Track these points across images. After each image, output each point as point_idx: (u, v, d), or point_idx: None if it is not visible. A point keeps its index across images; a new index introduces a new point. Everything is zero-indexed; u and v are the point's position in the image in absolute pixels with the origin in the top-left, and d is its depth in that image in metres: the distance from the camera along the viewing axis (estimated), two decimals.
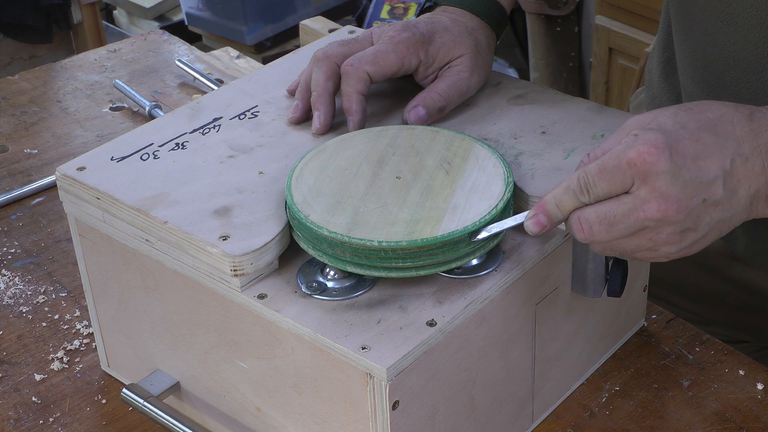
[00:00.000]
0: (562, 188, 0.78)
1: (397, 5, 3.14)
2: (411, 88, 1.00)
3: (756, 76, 0.91)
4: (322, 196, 0.83)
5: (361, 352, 0.75)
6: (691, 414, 0.93)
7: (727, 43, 0.92)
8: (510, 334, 0.85)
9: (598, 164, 0.76)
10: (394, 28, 0.97)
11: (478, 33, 1.00)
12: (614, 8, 2.59)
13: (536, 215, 0.79)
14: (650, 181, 0.74)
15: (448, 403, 0.81)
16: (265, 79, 1.04)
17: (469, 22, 1.00)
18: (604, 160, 0.75)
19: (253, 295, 0.81)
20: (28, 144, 1.35)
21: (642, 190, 0.75)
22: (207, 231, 0.83)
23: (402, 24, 0.97)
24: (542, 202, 0.79)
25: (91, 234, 0.92)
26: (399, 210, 0.82)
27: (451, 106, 0.96)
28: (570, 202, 0.77)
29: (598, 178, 0.75)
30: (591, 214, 0.77)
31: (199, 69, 1.46)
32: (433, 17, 1.00)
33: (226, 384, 0.88)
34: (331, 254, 0.80)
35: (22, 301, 1.09)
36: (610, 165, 0.75)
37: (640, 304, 1.01)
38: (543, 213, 0.79)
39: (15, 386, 0.99)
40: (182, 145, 0.94)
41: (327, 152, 0.89)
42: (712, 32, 0.94)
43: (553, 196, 0.78)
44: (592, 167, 0.76)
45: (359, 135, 0.91)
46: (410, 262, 0.79)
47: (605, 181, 0.75)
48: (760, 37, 0.89)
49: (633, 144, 0.75)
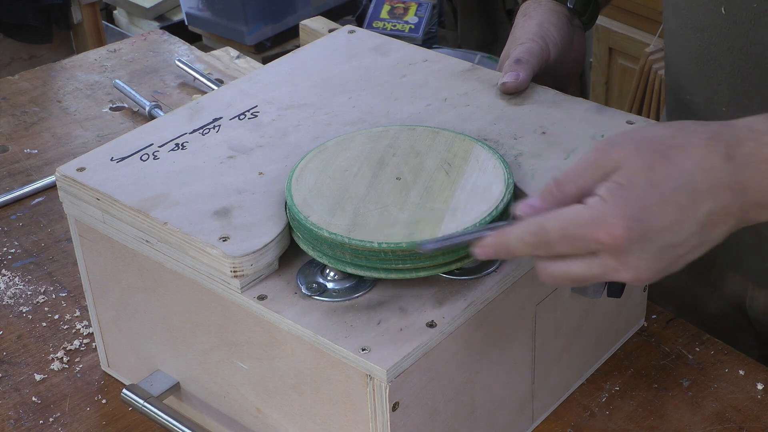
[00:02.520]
0: (514, 236, 0.74)
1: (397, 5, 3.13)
2: (406, 89, 1.01)
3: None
4: (322, 197, 0.83)
5: (361, 353, 0.75)
6: (691, 414, 0.93)
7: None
8: (510, 334, 0.85)
9: (559, 227, 0.71)
10: None
11: None
12: (614, 8, 2.59)
13: (484, 248, 0.75)
14: (621, 258, 0.71)
15: (448, 404, 0.81)
16: (265, 79, 1.04)
17: None
18: (567, 227, 0.71)
19: (253, 296, 0.81)
20: (28, 144, 1.35)
21: (610, 260, 0.71)
22: (207, 232, 0.83)
23: None
24: (493, 242, 0.75)
25: (91, 235, 0.92)
26: (399, 211, 0.82)
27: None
28: (522, 251, 0.74)
29: (559, 241, 0.72)
30: (557, 271, 0.73)
31: (199, 69, 1.46)
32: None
33: (226, 385, 0.88)
34: (331, 255, 0.80)
35: (22, 301, 1.09)
36: (574, 233, 0.71)
37: (640, 304, 1.01)
38: (492, 250, 0.75)
39: (15, 386, 0.99)
40: (182, 146, 0.94)
41: (327, 153, 0.89)
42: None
43: (505, 241, 0.74)
44: (553, 228, 0.72)
45: (359, 136, 0.91)
46: (410, 263, 0.79)
47: (567, 246, 0.72)
48: None
49: (600, 217, 0.70)
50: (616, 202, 0.70)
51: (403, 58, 1.06)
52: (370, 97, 1.00)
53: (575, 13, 1.07)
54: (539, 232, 0.72)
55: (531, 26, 1.03)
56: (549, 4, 1.06)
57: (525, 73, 0.98)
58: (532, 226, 0.73)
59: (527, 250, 0.74)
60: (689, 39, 0.98)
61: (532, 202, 0.75)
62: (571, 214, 0.71)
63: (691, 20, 0.97)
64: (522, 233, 0.73)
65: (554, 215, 0.72)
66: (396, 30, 3.07)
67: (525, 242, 0.73)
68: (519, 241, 0.73)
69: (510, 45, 1.04)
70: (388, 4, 3.13)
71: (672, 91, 1.07)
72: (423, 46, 1.96)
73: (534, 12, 1.05)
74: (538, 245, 0.73)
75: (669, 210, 0.70)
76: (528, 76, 0.99)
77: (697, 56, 0.97)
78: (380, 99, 1.00)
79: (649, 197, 0.70)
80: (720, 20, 0.93)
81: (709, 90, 0.98)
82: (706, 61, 0.96)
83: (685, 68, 1.01)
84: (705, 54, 0.96)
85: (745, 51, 0.92)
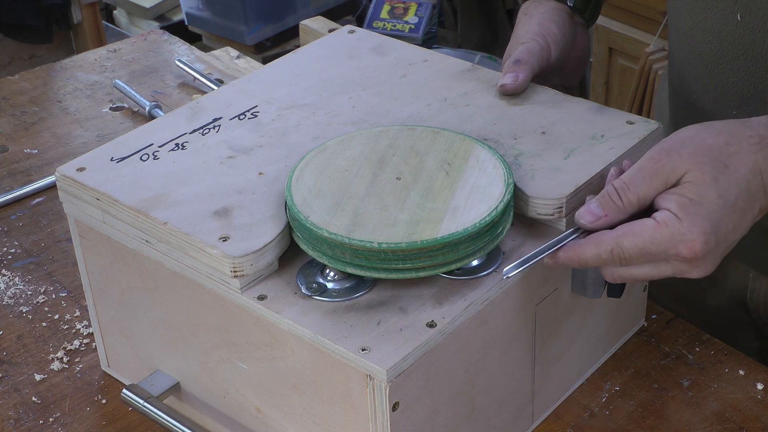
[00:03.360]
0: (590, 252, 0.79)
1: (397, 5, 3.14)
2: (407, 89, 1.01)
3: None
4: (322, 197, 0.83)
5: (361, 353, 0.75)
6: (691, 414, 0.93)
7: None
8: (510, 334, 0.85)
9: (639, 248, 0.77)
10: None
11: None
12: (614, 8, 2.59)
13: (556, 260, 0.81)
14: (694, 263, 0.77)
15: (448, 404, 0.81)
16: (265, 79, 1.04)
17: None
18: (647, 246, 0.77)
19: (253, 296, 0.81)
20: (28, 144, 1.35)
21: (683, 265, 0.78)
22: (207, 232, 0.83)
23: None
24: (568, 257, 0.80)
25: (91, 234, 0.92)
26: (399, 211, 0.82)
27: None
28: (597, 264, 0.80)
29: (638, 257, 0.77)
30: (626, 274, 0.80)
31: (199, 69, 1.46)
32: None
33: (226, 385, 0.88)
34: (331, 255, 0.80)
35: (22, 301, 1.09)
36: (654, 251, 0.77)
37: (640, 304, 1.01)
38: (567, 263, 0.81)
39: (15, 386, 0.99)
40: (182, 146, 0.94)
41: (327, 153, 0.89)
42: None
43: (578, 256, 0.80)
44: (632, 248, 0.77)
45: (359, 136, 0.91)
46: (410, 263, 0.79)
47: (644, 260, 0.78)
48: None
49: (679, 235, 0.76)
50: (692, 219, 0.76)
51: (403, 58, 1.06)
52: (371, 97, 1.00)
53: (576, 10, 1.07)
54: (616, 249, 0.77)
55: (531, 25, 1.03)
56: (550, 2, 1.06)
57: (524, 74, 0.98)
58: (609, 244, 0.78)
59: (601, 264, 0.79)
60: (701, 41, 0.98)
61: (593, 210, 0.80)
62: (649, 233, 0.77)
63: (704, 23, 0.96)
64: (599, 251, 0.78)
65: (630, 233, 0.77)
66: (396, 30, 3.07)
67: (602, 258, 0.78)
68: (596, 258, 0.79)
69: (511, 45, 1.04)
70: (388, 4, 3.13)
71: (676, 89, 1.07)
72: (423, 46, 1.96)
73: (534, 11, 1.05)
74: (614, 261, 0.78)
75: (734, 215, 0.77)
76: (527, 77, 0.99)
77: (708, 58, 0.98)
78: (380, 99, 1.00)
79: (719, 209, 0.76)
80: (735, 26, 0.93)
81: (718, 92, 0.98)
82: (718, 65, 0.97)
83: (693, 69, 1.01)
84: (717, 57, 0.96)
85: (760, 57, 0.92)
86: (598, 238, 0.79)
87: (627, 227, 0.78)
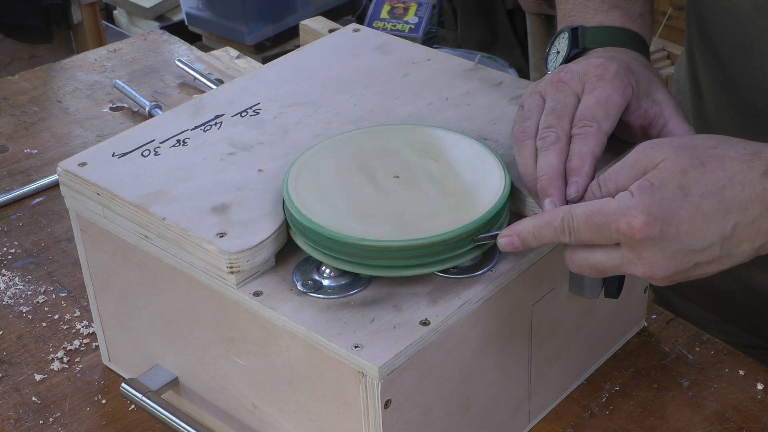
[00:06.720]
0: (543, 221, 0.77)
1: (397, 5, 3.13)
2: (408, 88, 1.01)
3: None
4: (318, 194, 0.83)
5: (353, 350, 0.75)
6: (691, 414, 0.93)
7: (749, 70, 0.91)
8: (506, 334, 0.85)
9: (586, 213, 0.74)
10: (595, 65, 0.87)
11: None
12: None
13: (511, 237, 0.79)
14: (636, 249, 0.73)
15: (441, 403, 0.81)
16: (267, 76, 1.04)
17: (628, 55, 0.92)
18: (593, 214, 0.74)
19: (248, 293, 0.81)
20: (28, 144, 1.36)
21: (628, 252, 0.74)
22: (204, 228, 0.83)
23: (602, 58, 0.88)
24: (520, 228, 0.78)
25: (92, 229, 0.93)
26: (395, 208, 0.82)
27: None
28: (548, 237, 0.77)
29: (584, 227, 0.75)
30: (582, 260, 0.77)
31: (199, 69, 1.46)
32: (606, 53, 0.91)
33: (223, 380, 0.88)
34: (326, 252, 0.81)
35: (22, 301, 1.10)
36: (598, 221, 0.74)
37: (640, 305, 1.01)
38: (518, 237, 0.78)
39: (15, 386, 0.99)
40: (183, 142, 0.94)
41: (326, 150, 0.89)
42: (733, 60, 0.92)
43: (533, 226, 0.78)
44: (580, 214, 0.75)
45: (359, 133, 0.91)
46: (405, 261, 0.79)
47: (590, 233, 0.75)
48: None
49: (624, 208, 0.73)
50: (643, 198, 0.73)
51: (406, 57, 1.06)
52: (372, 95, 1.00)
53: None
54: (567, 216, 0.75)
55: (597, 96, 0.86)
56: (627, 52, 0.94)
57: (584, 181, 0.83)
58: (563, 211, 0.76)
59: (552, 236, 0.77)
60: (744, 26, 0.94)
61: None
62: (600, 203, 0.75)
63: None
64: (550, 217, 0.77)
65: (583, 203, 0.76)
66: (396, 30, 3.07)
67: (553, 227, 0.76)
68: (547, 226, 0.77)
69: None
70: (388, 4, 3.13)
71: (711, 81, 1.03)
72: None
73: (605, 70, 0.88)
74: (563, 231, 0.76)
75: (692, 215, 0.72)
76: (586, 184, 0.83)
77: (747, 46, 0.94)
78: (382, 98, 1.00)
79: (676, 200, 0.72)
80: None
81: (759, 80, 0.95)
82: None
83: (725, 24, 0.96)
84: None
85: None
86: (558, 208, 0.78)
87: (584, 201, 0.77)
